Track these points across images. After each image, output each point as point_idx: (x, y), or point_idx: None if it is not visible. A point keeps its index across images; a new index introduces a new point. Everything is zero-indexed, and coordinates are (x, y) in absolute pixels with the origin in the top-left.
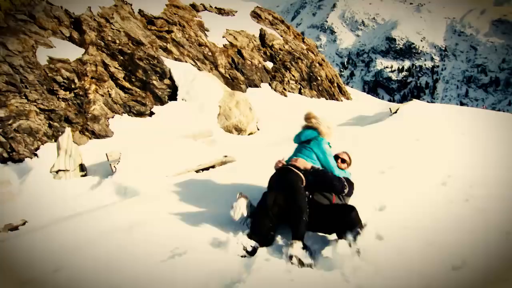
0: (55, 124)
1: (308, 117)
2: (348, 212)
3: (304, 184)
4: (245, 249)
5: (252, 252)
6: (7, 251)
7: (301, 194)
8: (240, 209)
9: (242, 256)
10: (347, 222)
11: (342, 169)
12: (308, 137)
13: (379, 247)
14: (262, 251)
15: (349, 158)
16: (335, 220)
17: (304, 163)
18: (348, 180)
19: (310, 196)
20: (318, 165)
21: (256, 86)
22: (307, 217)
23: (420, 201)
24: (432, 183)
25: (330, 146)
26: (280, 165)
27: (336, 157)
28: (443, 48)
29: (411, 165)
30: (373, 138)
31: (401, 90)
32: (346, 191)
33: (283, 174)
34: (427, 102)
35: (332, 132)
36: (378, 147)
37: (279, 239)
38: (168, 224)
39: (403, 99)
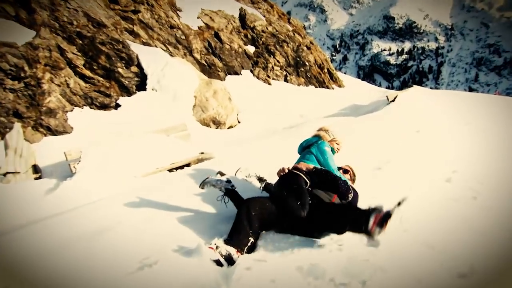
0: (2, 119)
1: (320, 129)
2: (354, 210)
3: (307, 186)
4: (223, 256)
5: (231, 260)
6: None
7: (303, 189)
8: (204, 182)
9: (219, 265)
10: (356, 218)
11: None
12: (309, 142)
13: (373, 252)
14: (243, 259)
15: (353, 172)
16: (338, 217)
17: (306, 165)
18: (353, 189)
19: (309, 189)
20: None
21: (236, 73)
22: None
23: (421, 200)
24: (434, 180)
25: (333, 152)
26: (283, 173)
27: (338, 168)
28: (449, 27)
29: (410, 159)
30: (368, 130)
31: (400, 76)
32: (350, 196)
33: (284, 177)
34: (431, 88)
35: (336, 145)
36: (374, 140)
37: (261, 247)
38: (137, 231)
39: (403, 86)
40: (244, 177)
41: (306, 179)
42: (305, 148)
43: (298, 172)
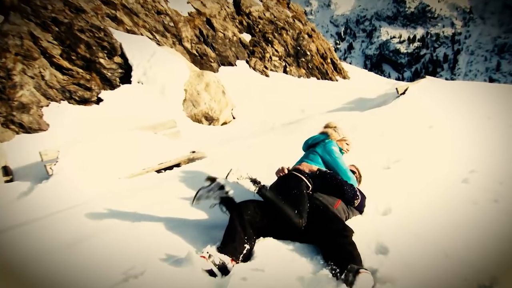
0: None
1: (326, 125)
2: (342, 235)
3: (309, 190)
4: (216, 266)
5: (225, 270)
6: None
7: (303, 195)
8: (196, 196)
9: (212, 275)
10: (340, 248)
11: None
12: (316, 140)
13: (381, 261)
14: (238, 268)
15: (359, 172)
16: (324, 235)
17: (309, 166)
18: (360, 192)
19: (310, 192)
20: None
21: (231, 64)
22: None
23: (435, 202)
24: (449, 180)
25: (342, 152)
26: (282, 174)
27: None
28: (467, 10)
29: (422, 158)
30: (375, 125)
31: (412, 66)
32: (357, 202)
33: (283, 179)
34: (446, 79)
35: (345, 145)
36: (382, 136)
37: (258, 255)
38: (121, 238)
39: (415, 77)
40: (236, 179)
41: (308, 183)
42: (311, 146)
43: (299, 175)
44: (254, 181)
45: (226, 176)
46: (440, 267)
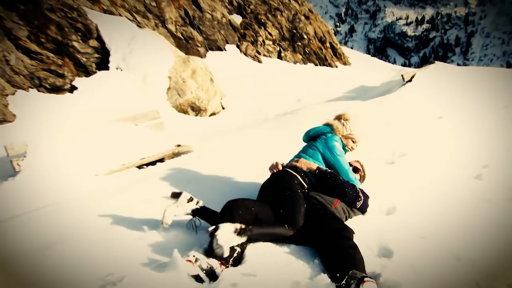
0: None
1: (337, 116)
2: (343, 236)
3: (304, 189)
4: (204, 271)
5: (213, 275)
6: None
7: (297, 197)
8: (164, 217)
9: (199, 281)
10: (340, 251)
11: None
12: (317, 133)
13: (385, 265)
14: (228, 273)
15: (363, 169)
16: (322, 237)
17: (307, 163)
18: (363, 192)
19: (306, 191)
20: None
21: (220, 48)
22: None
23: (444, 201)
24: (461, 176)
25: (345, 150)
26: (276, 170)
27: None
28: None
29: (431, 152)
30: (379, 116)
31: (420, 50)
32: (359, 204)
33: (275, 177)
34: (458, 65)
35: (351, 143)
36: (386, 128)
37: (249, 259)
38: (98, 241)
39: (423, 62)
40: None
41: (303, 182)
42: (312, 139)
43: (293, 173)
44: (239, 232)
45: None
46: (450, 272)
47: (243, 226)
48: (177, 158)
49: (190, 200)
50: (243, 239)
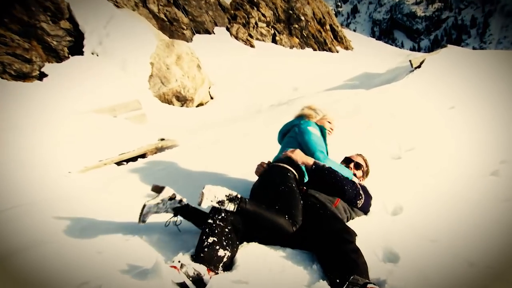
0: None
1: (304, 107)
2: (344, 239)
3: (300, 186)
4: (190, 278)
5: (200, 283)
6: None
7: (292, 191)
8: (142, 212)
9: None
10: (341, 255)
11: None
12: (289, 126)
13: (391, 270)
14: (217, 280)
15: (366, 164)
16: (322, 239)
17: (303, 157)
18: (365, 189)
19: (304, 188)
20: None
21: (208, 31)
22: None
23: (456, 200)
24: (475, 173)
25: (324, 134)
26: (262, 169)
27: (348, 160)
28: None
29: (441, 146)
30: (384, 106)
31: (431, 33)
32: (360, 203)
33: (264, 175)
34: (473, 49)
35: (327, 124)
36: (392, 120)
37: (241, 264)
38: (72, 246)
39: (434, 46)
40: (211, 203)
41: (295, 173)
42: (285, 135)
43: (283, 165)
44: (231, 199)
45: (199, 203)
46: (463, 279)
47: (239, 195)
48: (160, 153)
49: (173, 197)
50: (232, 206)
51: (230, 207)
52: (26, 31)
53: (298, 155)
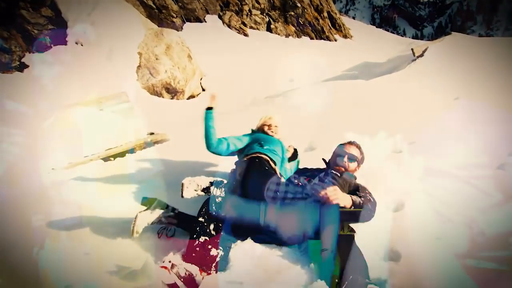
0: None
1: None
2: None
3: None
4: (182, 278)
5: (192, 284)
6: None
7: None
8: (135, 225)
9: None
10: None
11: (349, 172)
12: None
13: (393, 270)
14: (210, 281)
15: (361, 151)
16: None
17: (345, 199)
18: (371, 201)
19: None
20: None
21: (199, 20)
22: None
23: (460, 195)
24: (480, 166)
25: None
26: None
27: (342, 152)
28: None
29: (445, 138)
30: (384, 97)
31: (434, 20)
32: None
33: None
34: (479, 36)
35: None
36: (392, 111)
37: (235, 263)
38: (58, 247)
39: (438, 34)
40: (195, 193)
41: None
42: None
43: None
44: (216, 183)
45: (181, 195)
46: (467, 277)
47: (224, 180)
48: (149, 148)
49: (165, 207)
50: (218, 191)
51: (217, 192)
52: (4, 18)
53: (340, 196)
